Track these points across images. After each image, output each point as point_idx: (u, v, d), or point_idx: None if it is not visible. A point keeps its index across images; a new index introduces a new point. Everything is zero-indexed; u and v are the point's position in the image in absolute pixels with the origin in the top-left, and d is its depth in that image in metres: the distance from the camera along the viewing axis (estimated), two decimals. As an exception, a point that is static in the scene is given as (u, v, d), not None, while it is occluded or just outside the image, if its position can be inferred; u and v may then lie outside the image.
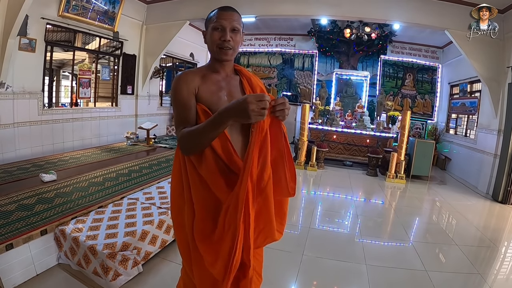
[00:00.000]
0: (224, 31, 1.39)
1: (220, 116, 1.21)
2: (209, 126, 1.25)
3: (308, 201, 5.16)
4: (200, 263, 1.42)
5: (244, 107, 1.13)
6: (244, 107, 1.12)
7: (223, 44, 1.40)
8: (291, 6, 6.57)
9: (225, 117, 1.20)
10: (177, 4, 7.19)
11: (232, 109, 1.17)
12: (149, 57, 7.72)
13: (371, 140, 7.83)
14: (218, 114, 1.22)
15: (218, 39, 1.40)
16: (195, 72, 1.47)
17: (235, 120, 1.20)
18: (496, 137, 5.94)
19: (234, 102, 1.18)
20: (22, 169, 4.21)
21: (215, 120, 1.23)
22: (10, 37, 4.47)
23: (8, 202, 3.02)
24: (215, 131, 1.26)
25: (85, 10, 5.92)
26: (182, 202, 1.49)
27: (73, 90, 6.65)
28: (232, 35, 1.41)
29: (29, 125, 5.28)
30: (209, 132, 1.26)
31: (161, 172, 4.61)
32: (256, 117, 1.15)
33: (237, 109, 1.15)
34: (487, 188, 6.06)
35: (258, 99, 1.13)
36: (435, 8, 5.91)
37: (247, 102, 1.12)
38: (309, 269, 2.97)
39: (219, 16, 1.40)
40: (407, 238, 3.84)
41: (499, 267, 3.33)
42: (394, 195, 5.84)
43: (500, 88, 5.85)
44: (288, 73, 10.35)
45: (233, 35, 1.41)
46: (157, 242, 2.90)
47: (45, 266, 2.61)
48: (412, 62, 9.59)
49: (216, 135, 1.28)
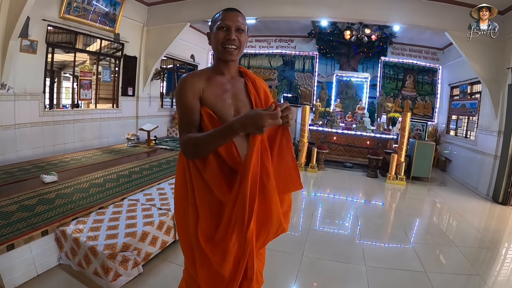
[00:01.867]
0: (229, 31, 1.40)
1: (231, 129, 1.21)
2: (218, 136, 1.26)
3: (308, 203, 5.17)
4: (205, 264, 1.42)
5: (259, 123, 1.15)
6: (259, 123, 1.15)
7: (228, 43, 1.40)
8: (291, 8, 6.59)
9: (237, 129, 1.20)
10: (178, 6, 7.22)
11: (245, 123, 1.18)
12: (150, 59, 7.74)
13: (372, 142, 7.84)
14: (229, 126, 1.22)
15: (223, 38, 1.40)
16: (200, 74, 1.47)
17: (246, 132, 1.22)
18: (497, 138, 5.95)
19: (246, 116, 1.19)
20: (23, 170, 4.23)
21: (225, 132, 1.23)
22: (11, 38, 4.50)
23: (9, 203, 3.03)
24: (223, 140, 1.27)
25: (86, 12, 5.94)
26: (186, 204, 1.49)
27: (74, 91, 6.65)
28: (237, 34, 1.41)
29: (30, 126, 5.29)
30: (217, 141, 1.27)
31: (161, 173, 4.62)
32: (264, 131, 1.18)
33: (251, 123, 1.17)
34: (487, 190, 6.06)
35: (272, 117, 1.15)
36: (435, 10, 5.92)
37: (263, 119, 1.14)
38: (308, 270, 2.97)
39: (224, 17, 1.40)
40: (407, 240, 3.84)
41: (499, 268, 3.33)
42: (394, 196, 5.84)
43: (500, 90, 5.86)
44: (288, 74, 10.35)
45: (238, 34, 1.42)
46: (158, 243, 2.91)
47: (46, 266, 2.62)
48: (413, 63, 9.59)
49: (223, 144, 1.30)
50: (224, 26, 1.40)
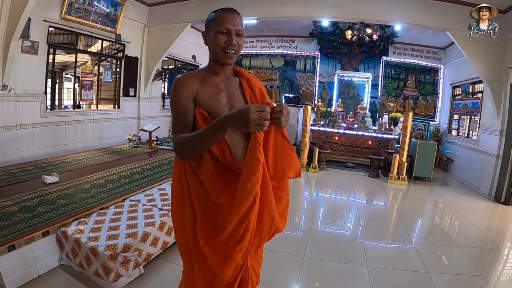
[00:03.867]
0: (230, 35, 1.39)
1: (219, 124, 1.22)
2: (208, 133, 1.25)
3: (310, 203, 5.16)
4: (202, 265, 1.42)
5: (245, 117, 1.14)
6: (245, 117, 1.13)
7: (229, 48, 1.40)
8: (292, 8, 6.58)
9: (225, 124, 1.20)
10: (178, 6, 7.22)
11: (232, 117, 1.18)
12: (151, 60, 7.75)
13: (373, 142, 7.82)
14: (218, 122, 1.22)
15: (223, 43, 1.39)
16: (195, 75, 1.47)
17: (235, 128, 1.20)
18: (499, 138, 5.92)
19: (235, 111, 1.18)
20: (24, 171, 4.24)
21: (215, 127, 1.23)
22: (12, 39, 4.50)
23: (10, 204, 3.03)
24: (213, 138, 1.26)
25: (87, 13, 5.95)
26: (183, 205, 1.49)
27: (75, 92, 6.67)
28: (237, 39, 1.41)
29: (31, 127, 5.30)
30: (208, 138, 1.26)
31: (162, 174, 4.62)
32: (256, 127, 1.16)
33: (238, 117, 1.16)
34: (489, 189, 6.04)
35: (259, 109, 1.14)
36: (436, 9, 5.90)
37: (249, 112, 1.13)
38: (310, 271, 2.96)
39: (225, 20, 1.38)
40: (409, 240, 3.83)
41: (501, 268, 3.31)
42: (396, 196, 5.82)
43: (502, 89, 5.84)
44: (290, 75, 10.34)
45: (238, 39, 1.41)
46: (159, 243, 2.90)
47: (47, 267, 2.62)
48: (414, 63, 9.57)
49: (214, 142, 1.29)
50: (224, 30, 1.38)
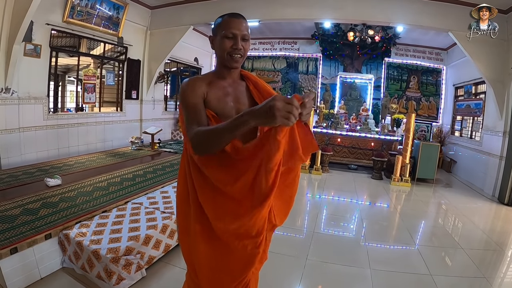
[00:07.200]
0: (236, 39, 1.41)
1: (243, 117, 1.10)
2: (230, 126, 1.15)
3: (313, 205, 5.14)
4: (205, 266, 1.42)
5: (270, 104, 1.01)
6: (270, 105, 1.00)
7: (235, 52, 1.42)
8: (294, 10, 6.58)
9: (249, 117, 1.09)
10: (181, 9, 7.24)
11: (257, 109, 1.06)
12: (153, 62, 7.77)
13: (376, 143, 7.79)
14: (241, 115, 1.11)
15: (229, 47, 1.41)
16: (202, 78, 1.48)
17: (259, 121, 1.08)
18: (502, 138, 5.89)
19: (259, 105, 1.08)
20: (27, 174, 4.25)
21: (238, 121, 1.13)
22: (15, 43, 4.53)
23: (13, 207, 3.04)
24: (235, 131, 1.15)
25: (90, 16, 5.98)
26: (188, 207, 1.49)
27: (78, 95, 6.69)
28: (243, 43, 1.43)
29: (34, 130, 5.33)
30: (229, 132, 1.16)
31: (165, 176, 4.62)
32: (282, 120, 1.01)
33: (263, 108, 1.03)
34: (493, 191, 6.00)
35: (286, 100, 1.00)
36: (438, 10, 5.88)
37: (274, 99, 1.00)
38: (313, 273, 2.95)
39: (230, 24, 1.40)
40: (412, 242, 3.81)
41: (505, 270, 3.28)
42: (399, 198, 5.80)
43: (505, 89, 5.81)
44: (292, 76, 10.34)
45: (244, 43, 1.43)
46: (161, 246, 2.90)
47: (49, 270, 2.63)
48: (417, 64, 9.54)
49: (234, 136, 1.18)
50: (230, 34, 1.40)
